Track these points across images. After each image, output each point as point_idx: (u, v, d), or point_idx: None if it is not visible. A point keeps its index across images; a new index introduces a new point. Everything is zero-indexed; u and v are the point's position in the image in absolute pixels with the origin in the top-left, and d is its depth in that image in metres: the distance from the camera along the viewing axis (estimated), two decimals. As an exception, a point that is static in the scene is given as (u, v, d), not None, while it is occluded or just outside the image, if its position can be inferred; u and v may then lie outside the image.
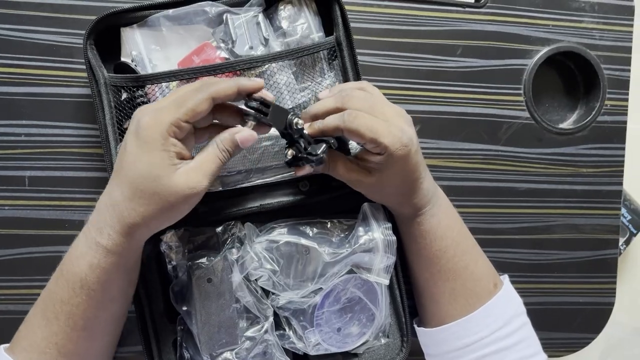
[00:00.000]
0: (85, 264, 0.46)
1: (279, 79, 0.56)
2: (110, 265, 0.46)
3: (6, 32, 0.58)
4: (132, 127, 0.44)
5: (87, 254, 0.46)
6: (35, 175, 0.59)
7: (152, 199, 0.43)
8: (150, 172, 0.43)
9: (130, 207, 0.44)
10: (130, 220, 0.44)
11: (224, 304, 0.55)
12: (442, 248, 0.55)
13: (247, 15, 0.55)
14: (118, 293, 0.50)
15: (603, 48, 0.69)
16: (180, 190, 0.44)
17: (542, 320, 0.69)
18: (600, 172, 0.70)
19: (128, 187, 0.44)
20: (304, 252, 0.55)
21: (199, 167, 0.45)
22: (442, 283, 0.56)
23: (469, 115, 0.67)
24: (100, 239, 0.45)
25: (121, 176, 0.45)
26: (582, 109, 0.71)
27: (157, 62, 0.56)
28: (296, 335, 0.57)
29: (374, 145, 0.48)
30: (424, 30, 0.66)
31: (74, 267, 0.46)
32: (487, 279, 0.56)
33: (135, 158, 0.44)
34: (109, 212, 0.45)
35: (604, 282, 0.71)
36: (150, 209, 0.44)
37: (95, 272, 0.45)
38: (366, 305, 0.58)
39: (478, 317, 0.54)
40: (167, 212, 0.45)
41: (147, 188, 0.43)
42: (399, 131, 0.49)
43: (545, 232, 0.69)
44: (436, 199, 0.56)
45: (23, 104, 0.58)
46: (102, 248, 0.45)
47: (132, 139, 0.44)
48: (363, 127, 0.47)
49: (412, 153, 0.50)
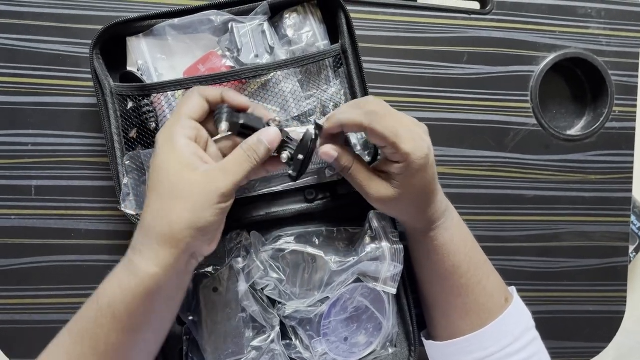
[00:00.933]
0: (116, 282, 0.44)
1: (284, 87, 0.56)
2: (141, 286, 0.43)
3: (12, 42, 0.58)
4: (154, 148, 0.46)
5: (120, 273, 0.44)
6: (41, 185, 0.59)
7: (172, 202, 0.43)
8: (168, 175, 0.43)
9: (155, 216, 0.43)
10: (157, 232, 0.43)
11: (230, 313, 0.54)
12: (455, 264, 0.54)
13: (253, 23, 0.55)
14: (146, 323, 0.45)
15: (610, 54, 0.69)
16: (201, 191, 0.43)
17: (552, 329, 0.68)
18: (609, 178, 0.69)
19: (151, 198, 0.44)
20: (311, 260, 0.55)
21: (222, 167, 0.45)
22: (454, 299, 0.55)
23: (475, 122, 0.67)
24: (134, 256, 0.44)
25: (147, 191, 0.45)
26: (590, 115, 0.71)
27: (163, 71, 0.56)
28: (303, 345, 0.57)
29: (394, 151, 0.47)
30: (430, 37, 0.65)
31: (105, 285, 0.45)
32: (499, 294, 0.55)
33: (155, 169, 0.44)
34: (139, 229, 0.44)
35: (614, 291, 0.70)
36: (174, 216, 0.42)
37: (124, 292, 0.43)
38: (373, 315, 0.58)
39: (489, 332, 0.53)
40: (192, 219, 0.42)
41: (166, 192, 0.43)
42: (419, 139, 0.48)
43: (553, 240, 0.69)
44: (449, 213, 0.54)
45: (29, 114, 0.59)
46: (134, 266, 0.43)
47: (152, 156, 0.46)
48: (388, 130, 0.46)
49: (431, 163, 0.49)
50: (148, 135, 0.55)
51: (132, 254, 0.44)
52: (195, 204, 0.43)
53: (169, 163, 0.44)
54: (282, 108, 0.56)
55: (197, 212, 0.43)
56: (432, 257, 0.55)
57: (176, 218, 0.42)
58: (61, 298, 0.60)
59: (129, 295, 0.43)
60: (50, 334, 0.54)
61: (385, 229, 0.56)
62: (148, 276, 0.43)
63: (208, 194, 0.43)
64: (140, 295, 0.43)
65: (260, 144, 0.46)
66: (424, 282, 0.59)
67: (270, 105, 0.56)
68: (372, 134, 0.47)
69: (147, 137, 0.55)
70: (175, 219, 0.42)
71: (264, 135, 0.46)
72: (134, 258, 0.43)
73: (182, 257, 0.44)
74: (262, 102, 0.56)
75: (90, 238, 0.60)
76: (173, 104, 0.55)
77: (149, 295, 0.43)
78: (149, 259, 0.43)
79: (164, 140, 0.45)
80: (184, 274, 0.47)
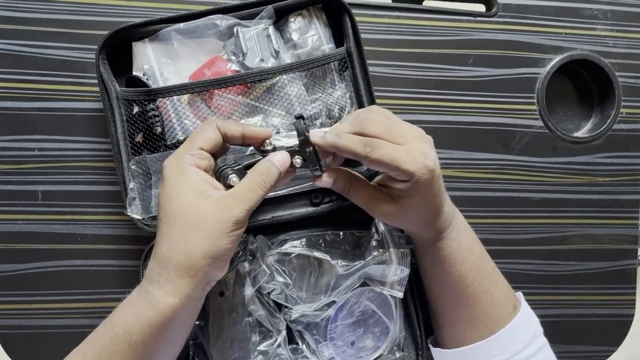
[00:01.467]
0: (133, 311, 0.43)
1: (289, 91, 0.56)
2: (159, 317, 0.43)
3: (18, 48, 0.59)
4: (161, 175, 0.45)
5: (137, 302, 0.44)
6: (48, 190, 0.59)
7: (187, 230, 0.42)
8: (181, 205, 0.43)
9: (170, 247, 0.43)
10: (174, 263, 0.42)
11: (236, 317, 0.54)
12: (462, 273, 0.53)
13: (258, 27, 0.55)
14: (161, 350, 0.46)
15: (617, 55, 0.68)
16: (215, 218, 0.42)
17: (560, 333, 0.68)
18: (617, 181, 0.69)
19: (164, 228, 0.43)
20: (317, 264, 0.55)
21: (234, 193, 0.44)
22: (462, 308, 0.54)
23: (481, 124, 0.66)
24: (151, 287, 0.43)
25: (159, 221, 0.44)
26: (597, 117, 0.70)
27: (169, 76, 0.57)
28: (309, 350, 0.56)
29: (398, 173, 0.46)
30: (435, 40, 0.65)
31: (120, 313, 0.45)
32: (507, 302, 0.55)
33: (166, 198, 0.44)
34: (154, 259, 0.44)
35: (623, 294, 0.70)
36: (191, 245, 0.42)
37: (141, 321, 0.43)
38: (380, 319, 0.57)
39: (498, 340, 0.53)
40: (208, 246, 0.42)
41: (181, 222, 0.43)
42: (421, 155, 0.46)
43: (561, 243, 0.68)
44: (456, 221, 0.53)
45: (36, 119, 0.59)
46: (153, 296, 0.43)
47: (161, 184, 0.45)
48: (385, 157, 0.45)
49: (436, 176, 0.48)
50: (154, 140, 0.55)
51: (149, 285, 0.44)
52: (211, 232, 0.42)
53: (179, 191, 0.44)
54: (287, 111, 0.56)
55: (213, 240, 0.43)
56: (438, 266, 0.54)
57: (193, 248, 0.42)
58: (68, 303, 0.60)
59: (147, 325, 0.43)
60: (57, 339, 0.55)
61: (392, 232, 0.55)
62: (166, 306, 0.43)
63: (223, 221, 0.43)
64: (157, 325, 0.43)
65: (272, 168, 0.46)
66: (431, 291, 0.58)
67: (275, 109, 0.56)
68: (369, 163, 0.46)
69: (152, 141, 0.55)
70: (192, 248, 0.42)
71: (276, 160, 0.46)
72: (152, 289, 0.43)
73: (199, 285, 0.44)
74: (267, 106, 0.56)
75: (96, 243, 0.60)
76: (179, 108, 0.55)
77: (166, 324, 0.43)
78: (167, 290, 0.43)
79: (172, 168, 0.45)
80: (199, 300, 0.47)
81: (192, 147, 0.45)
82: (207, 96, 0.55)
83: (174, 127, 0.55)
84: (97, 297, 0.60)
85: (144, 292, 0.44)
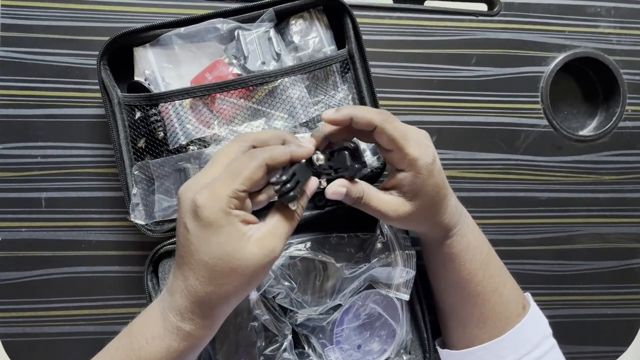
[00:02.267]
0: (164, 346, 0.42)
1: (291, 94, 0.56)
2: (189, 347, 0.43)
3: (21, 55, 0.59)
4: (187, 208, 0.41)
5: (166, 337, 0.43)
6: (51, 197, 0.59)
7: (230, 277, 0.41)
8: (223, 252, 0.41)
9: (210, 291, 0.41)
10: (212, 303, 0.42)
11: (241, 322, 0.54)
12: (471, 271, 0.53)
13: (259, 30, 0.55)
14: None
15: (621, 52, 0.68)
16: (258, 261, 0.41)
17: (569, 333, 0.67)
18: (623, 179, 0.68)
19: (203, 272, 0.41)
20: (322, 267, 0.55)
21: (273, 231, 0.42)
22: (471, 307, 0.54)
23: (485, 124, 0.66)
24: (183, 324, 0.42)
25: (193, 262, 0.42)
26: (602, 115, 0.70)
27: (170, 80, 0.56)
28: (316, 354, 0.56)
29: (403, 157, 0.46)
30: (438, 40, 0.65)
31: (149, 347, 0.43)
32: (516, 302, 0.54)
33: (203, 241, 0.41)
34: (188, 298, 0.42)
35: (632, 293, 0.69)
36: (231, 288, 0.41)
37: (172, 355, 0.43)
38: (386, 322, 0.57)
39: (507, 340, 0.52)
40: (247, 285, 0.42)
41: (224, 268, 0.41)
42: (425, 145, 0.47)
43: (568, 242, 0.68)
44: (464, 218, 0.53)
45: (38, 126, 0.59)
46: (185, 333, 0.42)
47: (191, 221, 0.41)
48: (398, 131, 0.46)
49: (438, 168, 0.48)
50: (156, 145, 0.55)
51: (182, 323, 0.42)
52: (253, 276, 0.41)
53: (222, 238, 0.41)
54: (289, 114, 0.56)
55: (254, 282, 0.42)
56: (447, 265, 0.53)
57: (233, 291, 0.41)
58: (73, 310, 0.59)
59: (177, 356, 0.43)
60: (63, 346, 0.55)
61: (397, 234, 0.55)
62: (196, 339, 0.43)
63: (266, 265, 0.42)
64: (186, 354, 0.43)
65: (305, 197, 0.45)
66: (440, 291, 0.58)
67: (277, 112, 0.56)
68: (381, 133, 0.46)
69: (155, 146, 0.55)
70: (232, 292, 0.41)
71: (307, 188, 0.45)
72: (183, 325, 0.42)
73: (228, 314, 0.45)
74: (270, 109, 0.56)
75: (100, 249, 0.60)
76: (181, 113, 0.55)
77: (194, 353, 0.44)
78: (204, 326, 0.42)
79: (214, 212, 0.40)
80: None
81: (235, 189, 0.40)
82: (209, 100, 0.55)
83: (176, 132, 0.55)
84: (102, 304, 0.60)
85: (175, 329, 0.43)
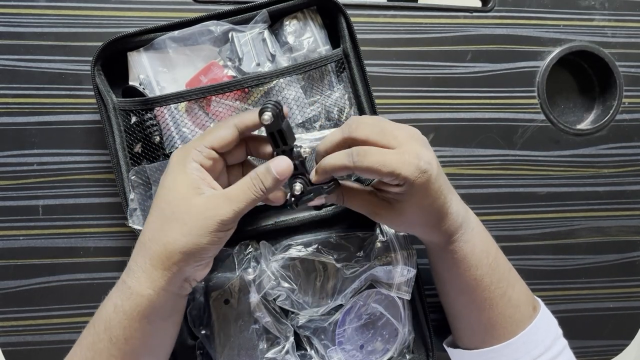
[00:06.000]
0: (111, 305, 0.43)
1: (287, 94, 0.55)
2: (135, 309, 0.42)
3: (13, 63, 0.58)
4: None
5: (114, 295, 0.44)
6: (48, 204, 0.59)
7: (172, 224, 0.42)
8: (173, 197, 0.43)
9: (152, 236, 0.43)
10: (151, 250, 0.42)
11: (242, 325, 0.54)
12: (478, 277, 0.51)
13: (253, 32, 0.55)
14: (144, 346, 0.45)
15: (617, 45, 0.68)
16: (198, 215, 0.42)
17: (572, 328, 0.67)
18: (622, 171, 0.68)
19: (154, 215, 0.44)
20: (322, 268, 0.54)
21: (225, 195, 0.43)
22: (479, 313, 0.52)
23: (482, 120, 0.66)
24: (127, 277, 0.43)
25: (151, 206, 0.45)
26: (599, 108, 0.69)
27: (165, 84, 0.56)
28: (318, 355, 0.56)
29: (392, 179, 0.44)
30: (432, 37, 0.65)
31: (100, 310, 0.44)
32: (527, 304, 0.53)
33: (161, 186, 0.44)
34: (138, 250, 0.44)
35: (634, 286, 0.69)
36: (171, 238, 0.42)
37: (118, 315, 0.43)
38: (388, 321, 0.57)
39: (519, 342, 0.51)
40: (188, 241, 0.42)
41: (168, 213, 0.42)
42: (414, 158, 0.43)
43: (569, 237, 0.67)
44: (468, 223, 0.50)
45: (34, 133, 0.59)
46: (127, 287, 0.43)
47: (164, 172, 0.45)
48: (375, 164, 0.43)
49: (434, 178, 0.45)
50: (153, 149, 0.55)
51: (126, 276, 0.44)
52: (193, 228, 0.42)
53: (176, 183, 0.44)
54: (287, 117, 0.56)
55: (193, 237, 0.42)
56: (453, 270, 0.52)
57: (172, 240, 0.42)
58: (72, 317, 0.59)
59: (124, 318, 0.42)
60: (63, 354, 0.54)
61: (397, 233, 0.55)
62: (141, 297, 0.42)
63: (207, 219, 0.42)
64: (135, 318, 0.43)
65: (268, 174, 0.44)
66: (446, 295, 0.56)
67: (274, 113, 0.56)
68: (361, 172, 0.45)
69: (151, 151, 0.55)
70: (171, 240, 0.42)
71: (274, 165, 0.44)
72: (127, 280, 0.43)
73: (174, 280, 0.43)
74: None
75: (98, 255, 0.59)
76: (176, 117, 0.54)
77: (144, 317, 0.43)
78: (142, 280, 0.43)
79: (176, 160, 0.45)
80: (178, 298, 0.46)
81: (202, 143, 0.45)
82: (205, 103, 0.55)
83: (172, 136, 0.55)
84: (102, 311, 0.59)
85: (120, 284, 0.44)
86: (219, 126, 0.46)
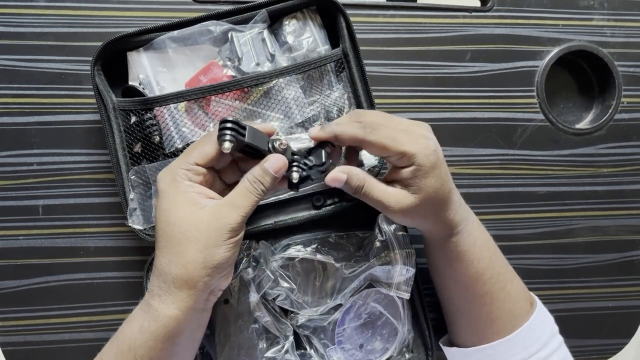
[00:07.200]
0: (136, 326, 0.43)
1: (287, 94, 0.55)
2: (162, 330, 0.42)
3: (14, 63, 0.58)
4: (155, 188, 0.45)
5: (139, 316, 0.44)
6: (48, 204, 0.59)
7: (184, 244, 0.42)
8: (176, 218, 0.43)
9: (169, 260, 0.43)
10: (172, 274, 0.42)
11: (242, 325, 0.54)
12: (479, 270, 0.51)
13: (252, 32, 0.55)
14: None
15: (615, 45, 0.68)
16: (209, 227, 0.42)
17: (571, 327, 0.67)
18: (621, 171, 0.68)
19: (162, 240, 0.43)
20: (321, 268, 0.54)
21: (229, 202, 0.44)
22: (479, 307, 0.53)
23: (481, 120, 0.66)
24: (151, 300, 0.43)
25: (157, 234, 0.44)
26: (598, 108, 0.70)
27: (165, 84, 0.56)
28: (318, 354, 0.56)
29: (400, 156, 0.45)
30: (432, 37, 0.65)
31: (125, 329, 0.44)
32: (524, 299, 0.53)
33: (160, 210, 0.44)
34: (155, 274, 0.44)
35: (632, 285, 0.69)
36: (189, 257, 0.42)
37: (144, 335, 0.43)
38: (388, 320, 0.57)
39: (516, 339, 0.51)
40: (205, 256, 0.42)
41: (177, 234, 0.42)
42: (423, 138, 0.46)
43: (567, 236, 0.68)
44: (469, 215, 0.52)
45: (34, 134, 0.59)
46: (154, 309, 0.43)
47: (156, 198, 0.45)
48: (385, 139, 0.45)
49: (441, 160, 0.46)
50: (152, 149, 0.55)
51: (151, 298, 0.43)
52: (207, 242, 0.42)
53: (174, 205, 0.43)
54: (285, 115, 0.56)
55: (210, 250, 0.42)
56: (454, 264, 0.52)
57: (190, 259, 0.42)
58: (72, 317, 0.59)
59: (150, 338, 0.42)
60: (63, 353, 0.54)
61: (396, 232, 0.55)
62: (168, 319, 0.42)
63: (218, 230, 0.42)
64: (161, 338, 0.43)
65: (266, 175, 0.45)
66: (446, 290, 0.57)
67: (273, 112, 0.56)
68: (369, 146, 0.46)
69: (151, 150, 0.55)
70: (190, 260, 0.42)
71: (270, 164, 0.45)
72: (153, 302, 0.43)
73: (201, 296, 0.44)
74: (265, 110, 0.56)
75: (98, 255, 0.59)
76: (176, 116, 0.54)
77: (171, 337, 0.43)
78: (169, 302, 0.43)
79: (166, 182, 0.44)
80: (204, 312, 0.47)
81: (187, 162, 0.44)
82: (204, 103, 0.55)
83: (172, 136, 0.55)
84: (102, 310, 0.59)
85: (145, 306, 0.44)
86: (200, 142, 0.45)
